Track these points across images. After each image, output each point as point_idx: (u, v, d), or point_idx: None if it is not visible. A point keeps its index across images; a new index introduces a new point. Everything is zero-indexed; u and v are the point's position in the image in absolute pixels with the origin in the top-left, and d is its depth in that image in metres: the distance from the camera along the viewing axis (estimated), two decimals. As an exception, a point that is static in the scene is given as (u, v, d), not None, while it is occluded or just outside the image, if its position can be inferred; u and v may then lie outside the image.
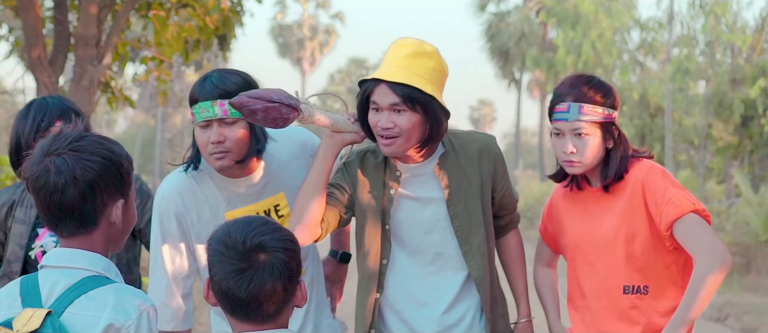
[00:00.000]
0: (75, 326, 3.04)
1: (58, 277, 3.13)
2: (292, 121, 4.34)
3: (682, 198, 4.27)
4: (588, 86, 4.40)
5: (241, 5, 11.72)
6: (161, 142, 25.64)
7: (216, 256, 3.13)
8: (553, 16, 31.56)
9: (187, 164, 4.59)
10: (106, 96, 11.53)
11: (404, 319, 4.57)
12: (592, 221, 4.48)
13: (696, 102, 23.95)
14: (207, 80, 4.43)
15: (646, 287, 4.37)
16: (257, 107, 4.22)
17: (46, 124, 4.64)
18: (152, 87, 42.94)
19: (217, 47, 12.55)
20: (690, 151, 25.25)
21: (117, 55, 11.01)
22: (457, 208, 4.50)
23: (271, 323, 3.16)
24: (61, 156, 3.08)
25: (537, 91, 62.72)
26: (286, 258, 3.12)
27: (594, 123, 4.34)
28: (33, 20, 10.16)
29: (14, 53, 12.39)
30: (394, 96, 4.29)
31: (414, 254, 4.56)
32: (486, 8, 60.21)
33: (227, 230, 3.15)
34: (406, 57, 4.36)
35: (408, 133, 4.32)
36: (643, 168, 4.39)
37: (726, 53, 24.73)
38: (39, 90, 10.25)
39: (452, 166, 4.52)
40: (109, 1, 10.49)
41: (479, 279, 4.53)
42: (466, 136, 4.62)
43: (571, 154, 4.36)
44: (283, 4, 78.80)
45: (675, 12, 27.04)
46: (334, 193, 4.51)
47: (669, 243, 4.32)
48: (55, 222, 3.15)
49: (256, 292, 3.07)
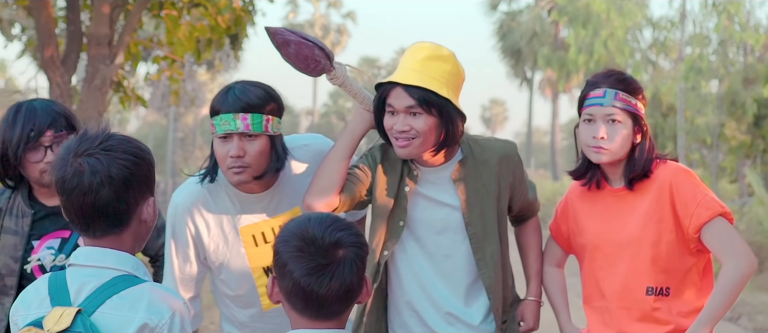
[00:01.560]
0: (107, 325, 3.05)
1: (88, 276, 3.14)
2: (322, 71, 4.37)
3: (711, 201, 4.29)
4: (622, 77, 4.41)
5: (253, 5, 11.74)
6: (173, 141, 25.70)
7: (293, 252, 3.10)
8: (564, 15, 31.51)
9: (203, 176, 4.55)
10: (119, 95, 11.60)
11: (416, 310, 4.61)
12: (613, 221, 4.46)
13: (708, 101, 23.87)
14: (229, 92, 4.38)
15: (667, 289, 4.37)
16: (291, 38, 4.31)
17: (35, 134, 4.48)
18: (164, 86, 43.21)
19: (228, 46, 12.60)
20: (702, 150, 25.21)
21: (129, 55, 11.06)
22: (472, 216, 4.52)
23: (335, 321, 3.16)
24: (93, 156, 3.08)
25: (549, 90, 62.70)
26: (361, 253, 3.14)
27: (627, 112, 4.34)
28: (45, 20, 10.19)
29: (27, 53, 12.40)
30: (410, 99, 4.31)
31: (426, 251, 4.58)
32: (498, 7, 60.23)
33: (302, 227, 3.13)
34: (422, 60, 4.37)
35: (423, 135, 4.33)
36: (670, 169, 4.38)
37: (739, 52, 24.66)
38: (52, 89, 10.27)
39: (469, 173, 4.53)
40: (121, 0, 10.53)
41: (491, 287, 4.56)
42: (487, 143, 4.62)
43: (602, 139, 4.34)
44: (294, 3, 78.92)
45: (687, 11, 26.94)
46: (357, 173, 4.51)
47: (693, 245, 4.33)
48: (87, 223, 3.14)
49: (335, 289, 3.07)
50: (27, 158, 4.48)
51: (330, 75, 4.42)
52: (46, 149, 4.49)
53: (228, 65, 33.71)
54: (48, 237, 4.61)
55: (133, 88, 11.83)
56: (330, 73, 4.41)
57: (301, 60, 4.31)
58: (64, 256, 4.59)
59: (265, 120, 4.35)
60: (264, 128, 4.35)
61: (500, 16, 60.23)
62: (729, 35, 23.79)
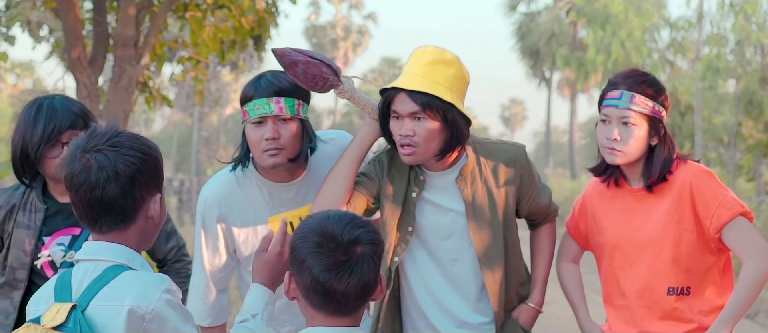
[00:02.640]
0: (99, 318, 3.08)
1: (86, 269, 3.19)
2: (330, 87, 4.39)
3: (732, 201, 4.30)
4: (643, 79, 4.39)
5: (276, 6, 11.68)
6: (198, 141, 25.81)
7: (312, 248, 3.14)
8: (583, 16, 31.52)
9: (235, 163, 4.60)
10: (144, 95, 11.55)
11: (425, 315, 4.62)
12: (633, 221, 4.45)
13: (726, 100, 23.72)
14: (262, 79, 4.45)
15: (688, 288, 4.37)
16: (299, 59, 4.28)
17: (55, 133, 4.52)
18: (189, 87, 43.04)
19: (252, 47, 12.44)
20: (720, 149, 25.09)
21: (154, 56, 11.05)
22: (476, 220, 4.51)
23: (349, 319, 3.19)
24: (100, 152, 3.13)
25: (567, 89, 62.51)
26: (378, 250, 3.19)
27: (643, 115, 4.33)
28: (73, 22, 10.17)
29: (55, 54, 12.32)
30: (414, 105, 4.30)
31: (433, 257, 4.59)
32: (516, 8, 60.13)
33: (321, 223, 3.18)
34: (426, 65, 4.37)
35: (427, 141, 4.33)
36: (690, 170, 4.37)
37: (756, 52, 24.45)
38: (79, 90, 10.25)
39: (475, 177, 4.52)
40: (147, 2, 10.51)
41: (494, 291, 4.56)
42: (494, 147, 4.61)
43: (615, 141, 4.34)
44: (316, 5, 78.90)
45: (705, 11, 26.84)
46: (364, 181, 4.53)
47: (714, 245, 4.34)
48: (95, 218, 3.19)
49: (353, 285, 3.11)
50: (45, 155, 4.53)
51: (338, 90, 4.43)
52: (63, 146, 4.55)
53: (251, 66, 33.64)
54: (59, 233, 4.66)
55: (159, 89, 11.80)
56: (337, 88, 4.43)
57: (309, 79, 4.32)
58: (74, 252, 4.58)
59: (297, 104, 4.42)
60: (297, 112, 4.42)
61: (519, 17, 60.13)
62: (746, 35, 23.57)
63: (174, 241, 4.97)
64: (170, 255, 4.97)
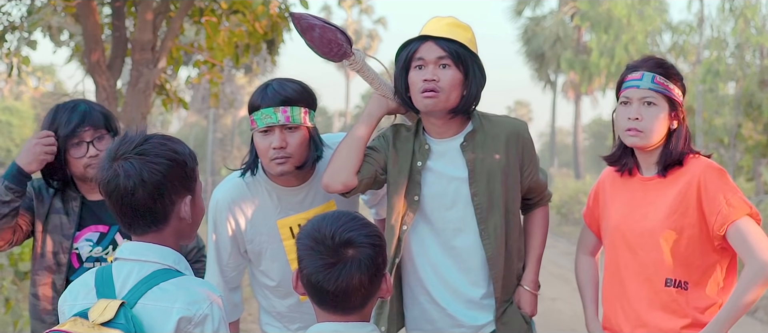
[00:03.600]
0: (148, 317, 3.11)
1: (131, 269, 3.21)
2: (344, 56, 4.47)
3: (739, 201, 4.21)
4: (662, 62, 4.37)
5: (289, 11, 11.18)
6: (213, 142, 25.81)
7: (306, 250, 3.16)
8: (587, 20, 31.67)
9: (244, 170, 4.66)
10: (161, 98, 11.59)
11: (425, 287, 4.67)
12: (639, 210, 4.40)
13: (726, 102, 23.76)
14: (268, 88, 4.48)
15: (686, 283, 4.29)
16: (316, 23, 4.36)
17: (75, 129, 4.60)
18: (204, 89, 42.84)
19: (265, 51, 12.24)
20: (720, 150, 25.07)
21: (171, 59, 11.08)
22: (478, 186, 4.56)
23: (356, 315, 3.19)
24: (127, 160, 3.16)
25: (571, 92, 62.30)
26: (373, 253, 3.16)
27: (664, 96, 4.30)
28: (92, 26, 10.26)
29: (75, 58, 12.36)
30: (441, 50, 4.42)
31: (436, 227, 4.62)
32: (522, 13, 60.09)
33: (317, 225, 3.18)
34: (447, 25, 4.49)
35: (450, 88, 4.43)
36: (701, 165, 4.30)
37: (755, 55, 24.38)
38: (98, 92, 10.31)
39: (479, 145, 4.57)
40: (164, 8, 10.55)
41: (492, 258, 4.59)
42: (498, 119, 4.67)
43: (636, 120, 4.30)
44: (328, 10, 78.81)
45: (705, 15, 26.90)
46: (372, 154, 4.59)
47: (718, 243, 4.26)
48: (129, 222, 3.23)
49: (344, 286, 3.11)
50: (71, 154, 4.62)
51: (349, 60, 4.49)
52: (87, 145, 4.61)
53: (265, 69, 33.75)
54: (88, 230, 4.71)
55: (175, 91, 11.80)
56: (349, 59, 4.48)
57: (325, 43, 4.37)
58: (101, 248, 4.68)
59: (303, 112, 4.46)
60: (303, 120, 4.46)
61: (525, 22, 60.09)
62: (746, 39, 23.64)
63: (195, 242, 5.02)
64: (191, 255, 5.02)
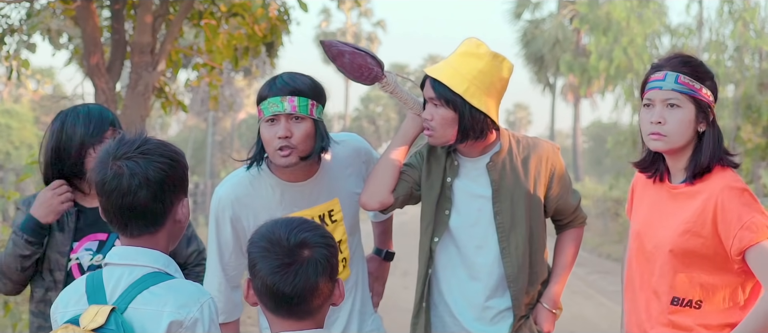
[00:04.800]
0: (139, 321, 3.10)
1: (121, 274, 3.20)
2: (375, 79, 4.53)
3: (759, 223, 3.95)
4: (688, 60, 4.12)
5: (288, 14, 11.71)
6: (212, 144, 25.94)
7: (260, 253, 3.15)
8: (586, 23, 31.63)
9: (249, 162, 4.61)
10: (160, 101, 11.55)
11: (446, 301, 4.73)
12: (659, 219, 4.22)
13: (725, 105, 23.74)
14: (278, 79, 4.46)
15: (699, 302, 4.11)
16: (345, 49, 4.43)
17: (98, 131, 4.58)
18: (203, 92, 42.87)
19: (265, 54, 12.30)
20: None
21: (170, 62, 11.07)
22: (501, 206, 4.62)
23: (310, 321, 3.17)
24: (131, 159, 3.16)
25: (570, 95, 62.43)
26: (328, 253, 3.15)
27: (689, 96, 4.04)
28: (91, 29, 10.29)
29: (74, 61, 12.37)
30: (432, 91, 4.49)
31: (459, 243, 4.69)
32: (522, 16, 60.19)
33: (270, 229, 3.17)
34: (459, 55, 4.52)
35: (442, 126, 4.49)
36: (723, 181, 4.04)
37: (754, 58, 24.52)
38: (97, 95, 10.33)
39: (505, 165, 4.63)
40: (163, 10, 10.58)
41: (511, 276, 4.63)
42: (529, 141, 4.72)
43: (658, 124, 4.07)
44: (327, 12, 78.87)
45: (704, 18, 26.85)
46: (407, 170, 4.67)
47: (738, 266, 4.03)
48: (125, 223, 3.22)
49: (301, 287, 3.09)
50: (90, 154, 4.57)
51: (382, 83, 4.52)
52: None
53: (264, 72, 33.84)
54: (87, 239, 4.67)
55: (174, 94, 11.80)
56: (382, 81, 4.52)
57: (355, 69, 4.42)
58: (102, 256, 4.60)
59: (310, 104, 4.42)
60: (309, 111, 4.42)
61: (524, 24, 60.22)
62: (745, 42, 23.74)
63: (195, 245, 4.97)
64: (191, 259, 4.96)
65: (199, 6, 11.16)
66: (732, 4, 24.39)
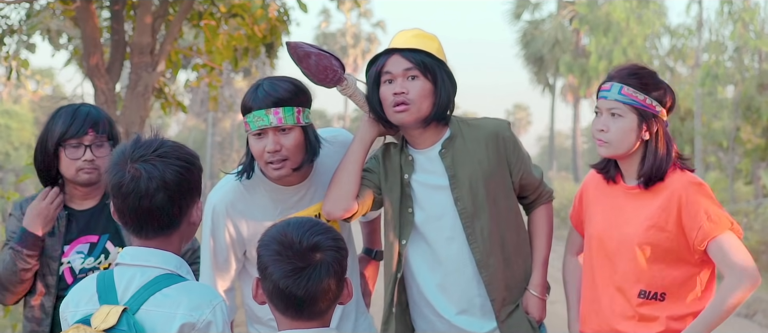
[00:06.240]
0: (151, 322, 3.12)
1: (133, 274, 3.22)
2: (338, 82, 4.50)
3: (721, 216, 4.21)
4: (636, 72, 4.33)
5: (288, 15, 11.65)
6: (212, 145, 25.93)
7: (271, 256, 3.15)
8: (585, 24, 31.67)
9: (240, 173, 4.57)
10: (160, 101, 11.55)
11: (428, 300, 4.67)
12: (619, 218, 4.38)
13: (725, 106, 23.94)
14: (259, 89, 4.40)
15: (662, 294, 4.29)
16: (312, 51, 4.41)
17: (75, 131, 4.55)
18: (203, 93, 42.80)
19: (264, 55, 12.16)
20: (719, 153, 25.26)
21: (170, 63, 11.03)
22: (460, 192, 4.56)
23: (317, 321, 3.19)
24: (148, 162, 3.18)
25: (570, 95, 62.30)
26: (339, 256, 3.18)
27: (631, 107, 4.27)
28: (91, 30, 10.22)
29: (73, 61, 12.36)
30: (407, 62, 4.44)
31: (429, 238, 4.63)
32: (521, 16, 60.14)
33: (281, 231, 3.18)
34: (413, 37, 4.52)
35: (420, 98, 4.45)
36: (683, 180, 4.28)
37: (754, 58, 24.62)
38: (97, 96, 10.29)
39: (458, 150, 4.58)
40: (162, 11, 10.51)
41: (482, 262, 4.57)
42: (477, 122, 4.67)
43: (601, 132, 4.31)
44: (327, 13, 78.80)
45: (704, 19, 26.82)
46: (367, 175, 4.62)
47: (698, 257, 4.27)
48: (140, 225, 3.23)
49: (313, 290, 3.11)
50: (66, 154, 4.57)
51: (342, 86, 4.51)
52: (86, 148, 4.55)
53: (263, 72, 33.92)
54: (78, 242, 4.66)
55: (174, 95, 11.77)
56: (342, 84, 4.51)
57: (321, 71, 4.40)
58: (93, 259, 4.63)
59: (296, 112, 4.37)
60: (296, 120, 4.38)
61: (523, 25, 60.17)
62: (744, 42, 23.78)
63: (190, 243, 4.83)
64: (186, 257, 4.82)
65: (198, 7, 11.13)
66: (732, 5, 24.41)
